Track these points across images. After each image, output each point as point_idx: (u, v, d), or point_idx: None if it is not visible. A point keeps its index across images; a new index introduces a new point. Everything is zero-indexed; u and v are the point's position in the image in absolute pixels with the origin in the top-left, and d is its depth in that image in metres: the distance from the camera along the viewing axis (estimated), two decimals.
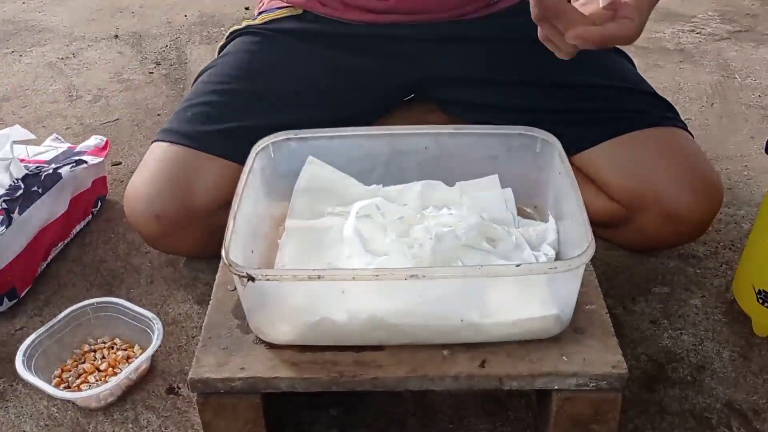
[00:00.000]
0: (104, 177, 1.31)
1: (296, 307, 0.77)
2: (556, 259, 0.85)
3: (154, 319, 0.99)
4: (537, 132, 0.92)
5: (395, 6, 1.11)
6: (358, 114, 1.09)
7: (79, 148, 1.28)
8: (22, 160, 1.19)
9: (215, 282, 0.88)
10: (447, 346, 0.78)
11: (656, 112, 1.09)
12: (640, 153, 1.04)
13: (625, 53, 1.19)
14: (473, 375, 0.76)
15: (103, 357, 1.01)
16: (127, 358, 1.00)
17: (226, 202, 0.88)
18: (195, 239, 1.09)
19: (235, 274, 0.73)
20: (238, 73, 1.14)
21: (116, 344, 1.03)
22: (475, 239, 0.83)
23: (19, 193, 1.11)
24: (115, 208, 1.31)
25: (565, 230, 0.86)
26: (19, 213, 1.09)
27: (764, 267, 0.97)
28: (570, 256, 0.76)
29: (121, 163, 1.44)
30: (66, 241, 1.22)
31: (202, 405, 0.78)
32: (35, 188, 1.13)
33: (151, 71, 1.80)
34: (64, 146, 1.28)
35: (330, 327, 0.76)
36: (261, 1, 1.25)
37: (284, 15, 1.17)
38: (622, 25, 0.72)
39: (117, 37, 1.98)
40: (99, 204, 1.30)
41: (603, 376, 0.75)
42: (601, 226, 1.07)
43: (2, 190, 1.11)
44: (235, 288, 0.83)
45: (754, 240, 1.00)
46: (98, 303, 1.03)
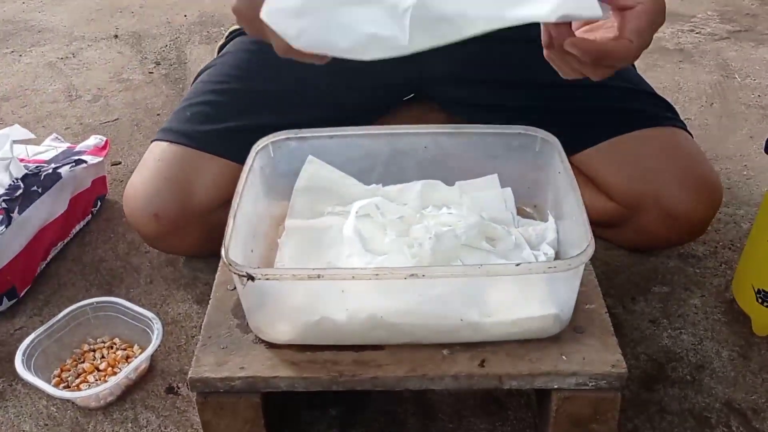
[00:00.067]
0: (104, 177, 1.31)
1: (296, 307, 0.77)
2: (556, 258, 0.85)
3: (154, 318, 0.99)
4: (537, 132, 0.92)
5: None
6: (358, 113, 1.09)
7: (78, 147, 1.28)
8: (21, 159, 1.19)
9: (215, 281, 0.88)
10: (446, 345, 0.78)
11: (656, 111, 1.09)
12: (640, 153, 1.05)
13: None
14: (473, 374, 0.76)
15: (103, 357, 1.01)
16: (127, 357, 1.00)
17: (225, 202, 0.88)
18: (194, 239, 1.09)
19: (235, 274, 0.73)
20: (238, 72, 1.14)
21: (116, 344, 1.03)
22: (474, 239, 0.83)
23: (18, 193, 1.11)
24: (115, 207, 1.31)
25: (565, 230, 0.86)
26: (19, 212, 1.09)
27: (764, 266, 0.97)
28: (569, 255, 0.76)
29: (120, 163, 1.44)
30: (66, 241, 1.22)
31: (202, 404, 0.78)
32: (35, 188, 1.13)
33: (151, 71, 1.80)
34: (63, 146, 1.28)
35: (330, 326, 0.76)
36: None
37: None
38: (619, 44, 0.74)
39: (117, 37, 1.98)
40: (98, 204, 1.30)
41: (602, 376, 0.75)
42: (600, 225, 1.07)
43: (2, 190, 1.11)
44: (234, 287, 0.83)
45: (754, 240, 1.00)
46: (98, 303, 1.03)
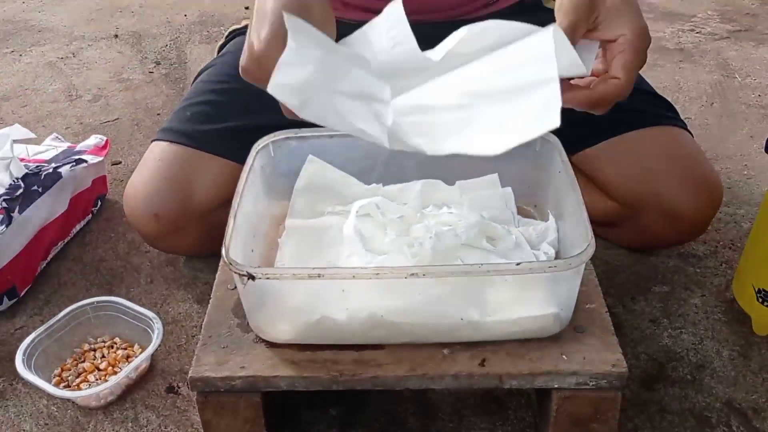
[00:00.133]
0: (104, 176, 1.31)
1: (296, 306, 0.77)
2: (556, 258, 0.85)
3: (154, 318, 0.99)
4: None
5: None
6: None
7: (79, 147, 1.28)
8: (22, 159, 1.19)
9: (215, 281, 0.88)
10: (447, 344, 0.78)
11: (656, 111, 1.09)
12: (640, 152, 1.04)
13: None
14: (473, 374, 0.75)
15: (103, 356, 1.01)
16: (127, 357, 1.00)
17: (225, 202, 0.88)
18: (194, 238, 1.09)
19: (236, 273, 0.73)
20: (238, 72, 1.13)
21: (116, 343, 1.03)
22: (475, 238, 0.83)
23: (19, 192, 1.11)
24: (115, 207, 1.31)
25: (565, 229, 0.86)
26: (19, 212, 1.09)
27: (764, 266, 0.97)
28: (570, 255, 0.76)
29: (120, 163, 1.44)
30: (66, 241, 1.23)
31: (202, 404, 0.78)
32: (35, 187, 1.13)
33: (151, 71, 1.80)
34: (64, 145, 1.28)
35: (330, 326, 0.76)
36: None
37: None
38: (609, 85, 0.75)
39: (117, 36, 1.98)
40: (99, 203, 1.30)
41: (603, 375, 0.75)
42: (601, 225, 1.07)
43: (2, 189, 1.11)
44: (235, 287, 0.83)
45: (754, 239, 1.00)
46: (98, 302, 1.03)
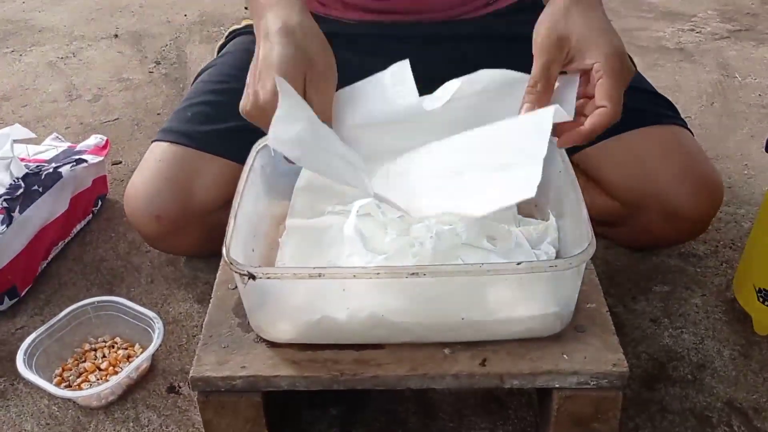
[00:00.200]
0: (104, 176, 1.31)
1: (297, 306, 0.77)
2: (557, 257, 0.85)
3: (155, 318, 0.99)
4: None
5: (395, 6, 1.11)
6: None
7: (79, 147, 1.28)
8: (22, 159, 1.19)
9: (216, 280, 0.88)
10: (447, 344, 0.78)
11: (656, 110, 1.09)
12: (641, 151, 1.04)
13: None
14: (474, 373, 0.75)
15: (104, 356, 1.01)
16: (128, 357, 1.00)
17: (225, 202, 0.88)
18: (195, 239, 1.09)
19: (236, 273, 0.73)
20: (238, 72, 1.13)
21: (117, 343, 1.03)
22: (475, 238, 0.83)
23: (19, 192, 1.11)
24: (116, 207, 1.31)
25: (566, 229, 0.86)
26: (20, 212, 1.10)
27: (764, 266, 0.97)
28: (570, 254, 0.76)
29: (121, 162, 1.44)
30: (66, 240, 1.23)
31: (203, 403, 0.78)
32: (36, 187, 1.13)
33: (151, 70, 1.80)
34: (64, 145, 1.28)
35: (331, 325, 0.76)
36: None
37: None
38: (597, 116, 0.76)
39: (117, 36, 1.98)
40: (99, 203, 1.30)
41: (604, 375, 0.75)
42: (601, 224, 1.07)
43: (3, 189, 1.11)
44: (235, 286, 0.83)
45: (755, 239, 1.00)
46: (99, 302, 1.03)
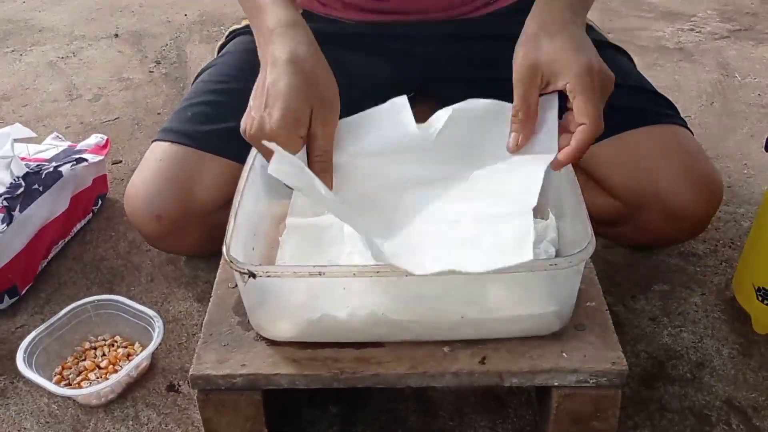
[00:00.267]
0: (105, 175, 1.32)
1: (297, 304, 0.77)
2: (557, 256, 0.85)
3: (155, 316, 0.99)
4: None
5: (395, 5, 1.11)
6: (359, 112, 1.09)
7: (79, 146, 1.28)
8: (22, 158, 1.19)
9: (216, 279, 0.88)
10: (447, 342, 0.78)
11: (656, 109, 1.09)
12: (641, 150, 1.04)
13: (625, 51, 1.19)
14: (474, 372, 0.76)
15: (104, 354, 1.01)
16: (128, 355, 1.01)
17: (226, 202, 0.88)
18: (195, 239, 1.09)
19: (236, 271, 0.73)
20: (238, 72, 1.13)
21: (117, 342, 1.03)
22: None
23: (20, 191, 1.11)
24: (116, 206, 1.31)
25: (566, 227, 0.86)
26: (20, 211, 1.10)
27: (764, 265, 0.97)
28: (570, 253, 0.76)
29: (121, 162, 1.44)
30: (67, 239, 1.23)
31: (203, 402, 0.78)
32: (36, 186, 1.14)
33: (151, 70, 1.80)
34: (64, 144, 1.29)
35: (331, 324, 0.76)
36: None
37: None
38: (580, 133, 0.78)
39: (117, 36, 1.98)
40: (99, 202, 1.30)
41: (603, 373, 0.75)
42: (601, 223, 1.07)
43: (3, 188, 1.11)
44: (235, 285, 0.84)
45: (754, 238, 1.00)
46: (99, 300, 1.03)
